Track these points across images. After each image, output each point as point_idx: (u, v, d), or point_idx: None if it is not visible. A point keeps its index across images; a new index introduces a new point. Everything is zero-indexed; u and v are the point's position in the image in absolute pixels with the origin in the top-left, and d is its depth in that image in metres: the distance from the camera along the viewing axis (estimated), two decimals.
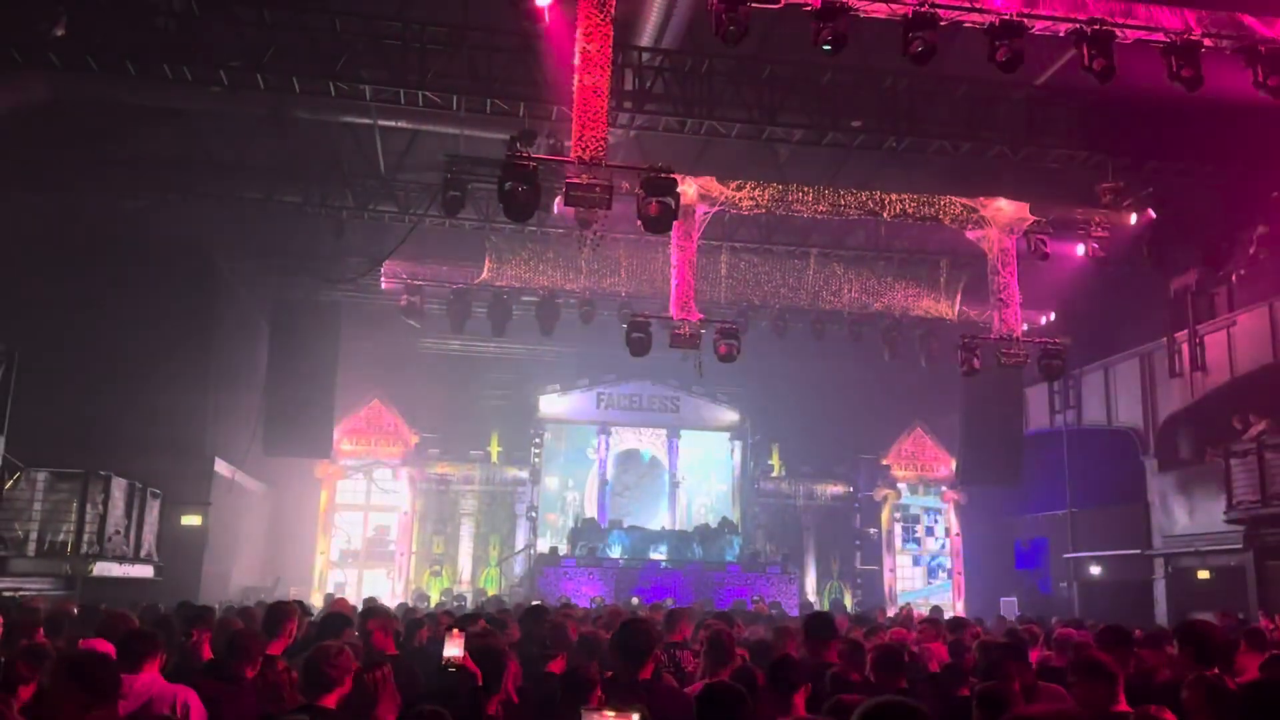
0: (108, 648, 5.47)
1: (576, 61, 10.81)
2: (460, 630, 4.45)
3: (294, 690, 5.12)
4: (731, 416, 25.70)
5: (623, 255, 18.82)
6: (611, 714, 2.20)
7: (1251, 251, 16.65)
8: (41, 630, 6.94)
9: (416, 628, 8.30)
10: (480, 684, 4.66)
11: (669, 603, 16.86)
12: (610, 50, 10.94)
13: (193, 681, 4.80)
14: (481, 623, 7.64)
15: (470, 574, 23.43)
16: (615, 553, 21.77)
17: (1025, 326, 17.52)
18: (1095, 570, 22.06)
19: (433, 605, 18.12)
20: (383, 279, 19.74)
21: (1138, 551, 20.48)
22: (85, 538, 13.21)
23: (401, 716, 4.13)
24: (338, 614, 8.05)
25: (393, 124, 15.39)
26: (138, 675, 4.51)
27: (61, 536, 13.19)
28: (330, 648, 4.47)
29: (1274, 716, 2.60)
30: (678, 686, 5.42)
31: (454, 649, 4.38)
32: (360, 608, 9.73)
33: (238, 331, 19.53)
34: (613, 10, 11.00)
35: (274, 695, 5.11)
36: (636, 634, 5.02)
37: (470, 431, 23.93)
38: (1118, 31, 10.76)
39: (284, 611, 6.15)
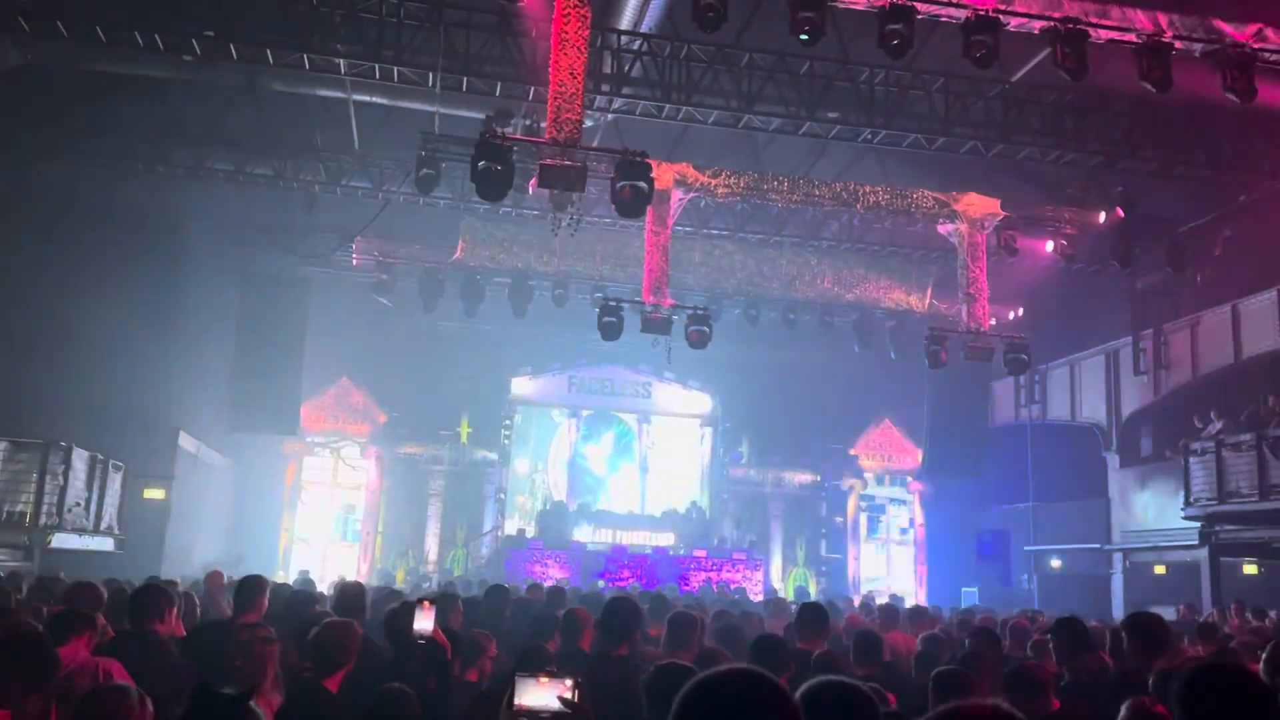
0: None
1: (553, 43, 10.77)
2: (431, 604, 4.46)
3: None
4: (702, 403, 25.78)
5: (597, 239, 18.82)
6: (546, 679, 2.23)
7: (1217, 253, 16.92)
8: None
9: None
10: (449, 657, 4.67)
11: (635, 587, 16.93)
12: (588, 33, 10.92)
13: (109, 651, 4.73)
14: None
15: (436, 555, 23.38)
16: (582, 536, 21.81)
17: (993, 321, 17.73)
18: (1055, 563, 22.39)
19: (399, 585, 18.09)
20: (354, 256, 19.61)
21: (1097, 546, 20.81)
22: (45, 509, 13.05)
23: (369, 694, 4.13)
24: (306, 592, 8.06)
25: (367, 99, 15.27)
26: (63, 647, 4.43)
27: (20, 507, 13.02)
28: (340, 626, 4.49)
29: (1212, 698, 2.68)
30: None
31: (424, 623, 4.38)
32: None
33: (205, 304, 19.32)
34: None
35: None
36: (620, 612, 5.17)
37: (440, 412, 23.79)
38: (1091, 31, 10.87)
39: (255, 585, 6.18)
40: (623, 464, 25.61)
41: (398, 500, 23.69)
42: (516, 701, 2.19)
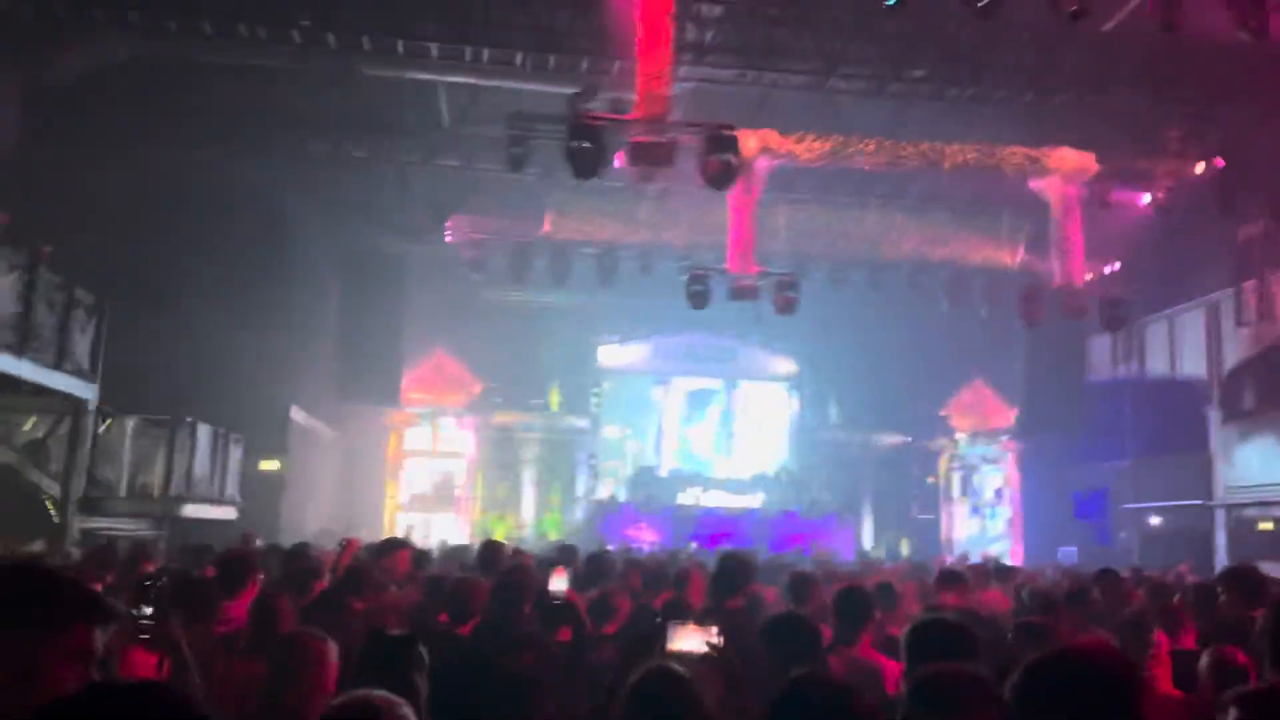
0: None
1: (638, 21, 10.95)
2: (564, 567, 4.85)
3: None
4: (789, 366, 25.87)
5: (682, 207, 18.95)
6: (694, 626, 2.57)
7: None
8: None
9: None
10: (584, 616, 5.03)
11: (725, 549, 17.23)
12: (673, 7, 11.05)
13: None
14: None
15: (533, 519, 24.08)
16: (674, 499, 22.21)
17: (1088, 276, 17.39)
18: (1155, 521, 22.01)
19: None
20: (447, 232, 20.14)
21: (1199, 502, 20.39)
22: (173, 480, 13.95)
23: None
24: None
25: (457, 79, 15.64)
26: (235, 602, 4.87)
27: (151, 479, 13.95)
28: (469, 583, 4.96)
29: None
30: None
31: (559, 584, 4.76)
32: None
33: (309, 283, 20.08)
34: None
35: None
36: (732, 567, 5.47)
37: (531, 381, 24.40)
38: None
39: (398, 544, 6.61)
40: (727, 444, 25.89)
41: (494, 467, 24.47)
42: (670, 645, 2.54)
